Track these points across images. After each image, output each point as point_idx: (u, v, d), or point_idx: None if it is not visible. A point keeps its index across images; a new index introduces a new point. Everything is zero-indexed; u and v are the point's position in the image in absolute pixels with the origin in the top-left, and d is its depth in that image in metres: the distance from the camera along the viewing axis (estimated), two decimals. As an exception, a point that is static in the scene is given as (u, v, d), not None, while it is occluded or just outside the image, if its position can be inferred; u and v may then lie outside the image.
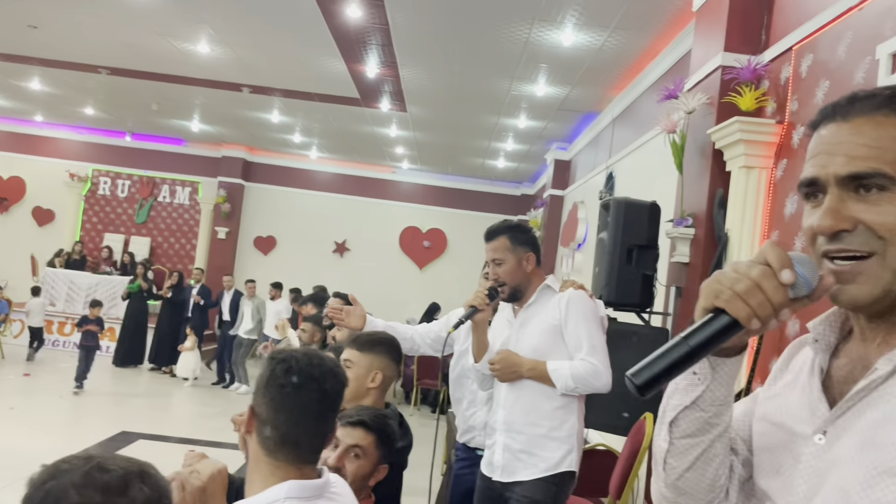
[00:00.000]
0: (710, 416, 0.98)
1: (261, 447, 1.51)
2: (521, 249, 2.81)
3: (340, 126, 11.26)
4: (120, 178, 14.66)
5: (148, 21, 7.15)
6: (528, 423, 2.73)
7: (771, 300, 0.87)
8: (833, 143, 0.92)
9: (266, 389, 1.51)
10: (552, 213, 10.56)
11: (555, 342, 2.74)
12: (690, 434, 1.00)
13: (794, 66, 3.69)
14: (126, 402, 9.16)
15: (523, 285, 2.83)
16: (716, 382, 0.97)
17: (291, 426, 1.50)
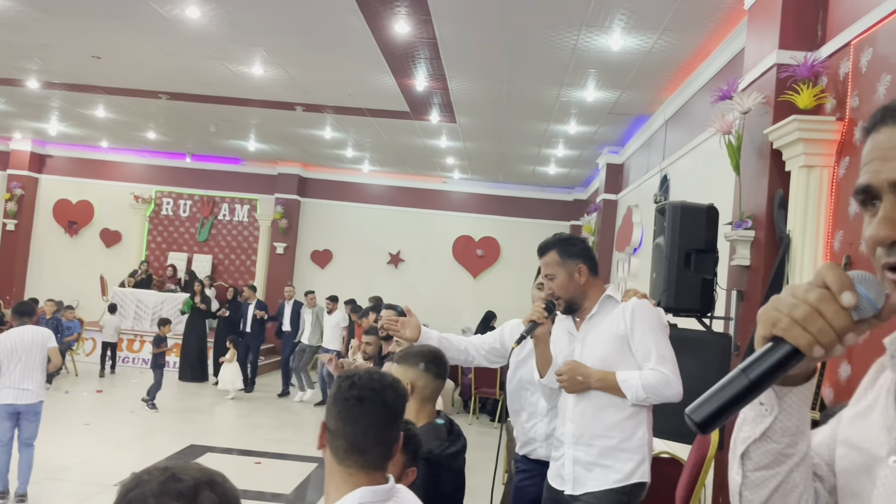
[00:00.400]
0: (783, 447, 0.94)
1: (333, 457, 1.68)
2: (571, 263, 2.80)
3: (391, 139, 11.40)
4: (182, 199, 15.14)
5: (204, 46, 7.39)
6: (598, 436, 2.71)
7: (833, 325, 0.83)
8: (886, 148, 0.88)
9: (335, 404, 1.70)
10: (606, 217, 10.46)
11: (621, 352, 2.71)
12: (764, 466, 0.95)
13: (853, 61, 3.59)
14: (193, 417, 9.42)
15: (578, 297, 2.82)
16: (784, 412, 0.92)
17: (359, 435, 1.67)
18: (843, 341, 0.83)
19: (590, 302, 2.83)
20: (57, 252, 15.15)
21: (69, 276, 14.84)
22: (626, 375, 2.67)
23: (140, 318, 12.88)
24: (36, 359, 5.50)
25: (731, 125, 4.32)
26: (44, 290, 14.42)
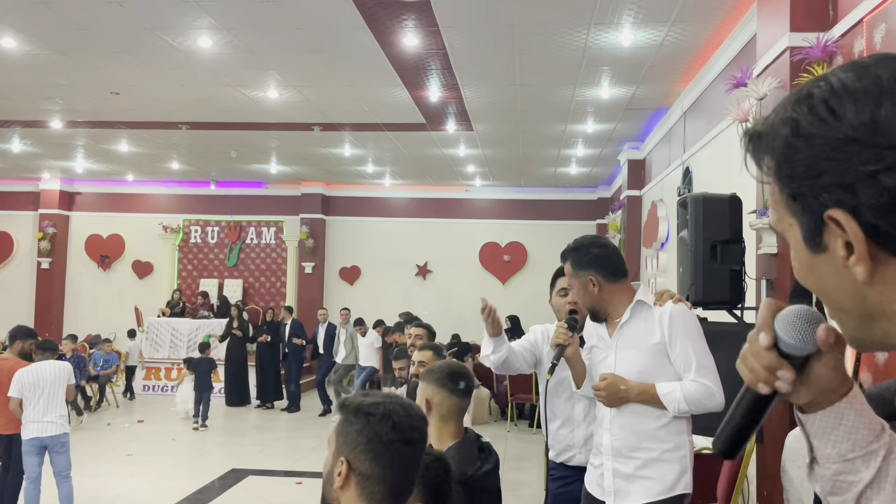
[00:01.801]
0: (835, 474, 0.91)
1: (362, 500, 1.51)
2: (582, 273, 2.70)
3: (410, 152, 11.44)
4: (209, 226, 15.35)
5: (218, 74, 7.50)
6: (639, 448, 2.63)
7: (758, 363, 0.84)
8: None
9: (370, 446, 1.51)
10: (631, 214, 10.36)
11: (659, 362, 2.61)
12: (830, 492, 0.92)
13: (866, 38, 3.52)
14: (235, 441, 9.51)
15: (599, 307, 2.72)
16: (815, 439, 0.90)
17: (400, 479, 1.52)
18: (779, 376, 0.84)
19: (617, 308, 2.71)
20: (91, 287, 15.44)
21: (104, 310, 15.12)
22: (667, 389, 2.58)
23: (176, 347, 13.06)
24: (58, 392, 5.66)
25: (747, 113, 4.26)
26: (81, 325, 14.72)
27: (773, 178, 0.78)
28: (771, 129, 0.77)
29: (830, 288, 0.78)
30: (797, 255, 0.79)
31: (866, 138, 0.70)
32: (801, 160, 0.74)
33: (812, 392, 0.87)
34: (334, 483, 1.53)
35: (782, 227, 0.80)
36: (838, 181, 0.71)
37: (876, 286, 0.74)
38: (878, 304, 0.75)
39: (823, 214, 0.73)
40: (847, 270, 0.74)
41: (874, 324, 0.77)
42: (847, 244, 0.73)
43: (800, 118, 0.73)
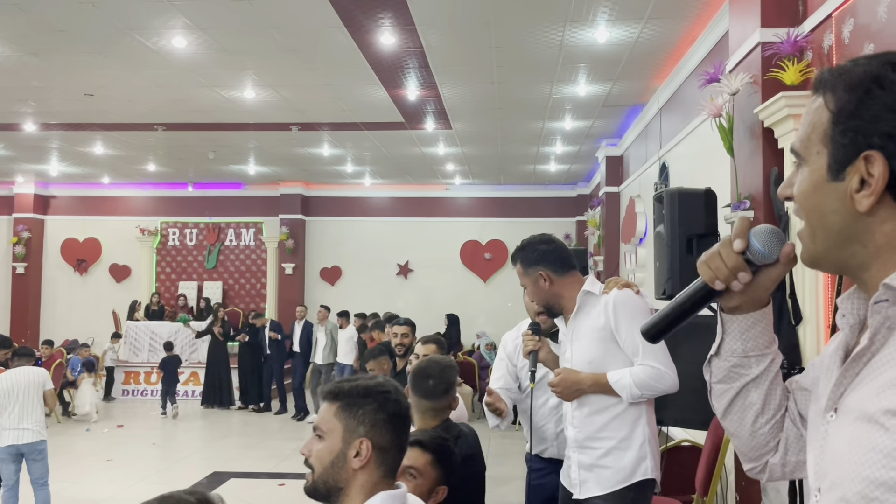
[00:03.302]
0: (732, 366, 1.13)
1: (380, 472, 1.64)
2: (532, 270, 2.76)
3: (389, 151, 11.42)
4: (187, 228, 15.23)
5: (194, 75, 7.44)
6: (599, 438, 2.68)
7: (725, 264, 1.05)
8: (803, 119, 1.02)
9: (391, 420, 1.66)
10: (610, 210, 10.43)
11: (609, 350, 2.66)
12: (720, 380, 1.15)
13: (835, 32, 3.57)
14: (216, 444, 9.45)
15: (551, 301, 2.77)
16: (729, 336, 1.12)
17: (405, 444, 1.71)
18: (738, 277, 1.05)
19: (570, 301, 2.76)
20: (68, 291, 15.26)
21: (82, 315, 14.95)
22: (617, 376, 2.62)
23: (155, 350, 12.93)
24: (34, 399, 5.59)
25: (720, 108, 4.31)
26: (58, 330, 14.54)
27: (835, 111, 0.93)
28: (855, 74, 0.92)
29: (828, 210, 0.93)
30: (811, 177, 0.95)
31: None
32: (871, 105, 0.89)
33: (745, 298, 1.09)
34: (349, 465, 1.62)
35: (808, 152, 0.96)
36: (891, 132, 0.88)
37: (867, 218, 0.91)
38: (861, 232, 0.92)
39: (863, 152, 0.89)
40: (851, 200, 0.91)
41: (848, 246, 0.93)
42: (861, 180, 0.90)
43: (883, 75, 0.89)
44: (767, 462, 1.16)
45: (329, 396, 1.71)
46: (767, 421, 1.14)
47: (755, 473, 1.19)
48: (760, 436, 1.14)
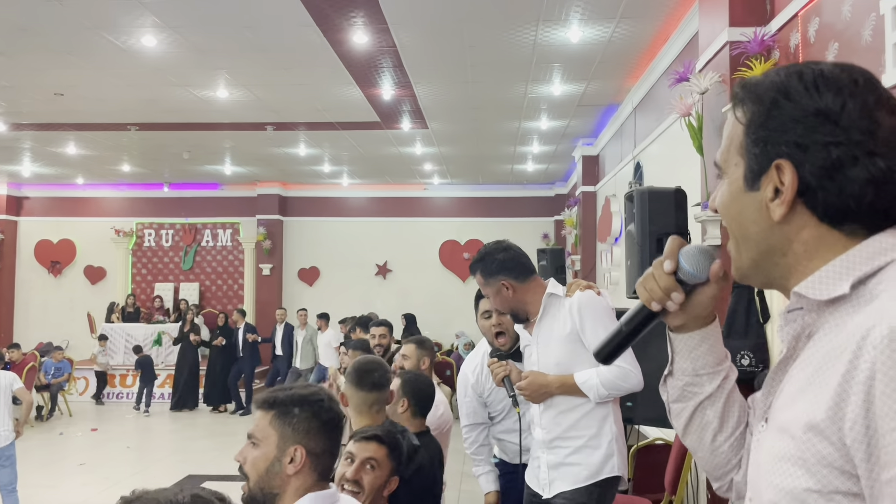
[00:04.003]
0: (685, 385, 1.14)
1: (313, 476, 1.70)
2: (493, 280, 2.75)
3: (367, 151, 11.37)
4: (163, 229, 15.07)
5: (165, 74, 7.36)
6: (568, 437, 2.70)
7: (658, 285, 1.07)
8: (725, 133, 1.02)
9: (325, 427, 1.72)
10: (586, 210, 10.46)
11: (575, 352, 2.68)
12: (675, 399, 1.16)
13: (801, 32, 3.60)
14: (190, 446, 9.35)
15: (516, 308, 2.77)
16: (677, 355, 1.14)
17: (336, 448, 1.77)
18: (671, 298, 1.07)
19: (534, 306, 2.77)
20: (42, 293, 15.04)
21: (56, 317, 14.74)
22: (584, 377, 2.64)
23: (131, 353, 12.78)
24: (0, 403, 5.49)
25: (690, 107, 4.32)
26: (32, 333, 14.34)
27: (747, 123, 0.94)
28: (763, 87, 0.94)
29: (747, 220, 0.95)
30: (730, 188, 0.97)
31: (832, 117, 0.88)
32: (779, 116, 0.91)
33: (687, 317, 1.10)
34: (284, 471, 1.69)
35: (727, 165, 0.98)
36: (799, 140, 0.89)
37: (783, 227, 0.92)
38: (780, 241, 0.93)
39: (774, 161, 0.90)
40: (767, 210, 0.92)
41: (770, 256, 0.94)
42: (776, 190, 0.91)
43: (790, 85, 0.91)
44: (732, 480, 1.15)
45: (264, 405, 1.74)
46: (726, 438, 1.13)
47: (723, 492, 1.18)
48: (721, 454, 1.14)
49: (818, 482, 0.79)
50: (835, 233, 0.90)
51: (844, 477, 0.78)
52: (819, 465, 0.79)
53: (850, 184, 0.87)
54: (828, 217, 0.89)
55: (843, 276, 0.87)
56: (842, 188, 0.88)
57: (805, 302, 0.91)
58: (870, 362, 0.76)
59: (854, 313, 0.84)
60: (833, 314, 0.88)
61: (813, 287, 0.89)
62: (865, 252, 0.87)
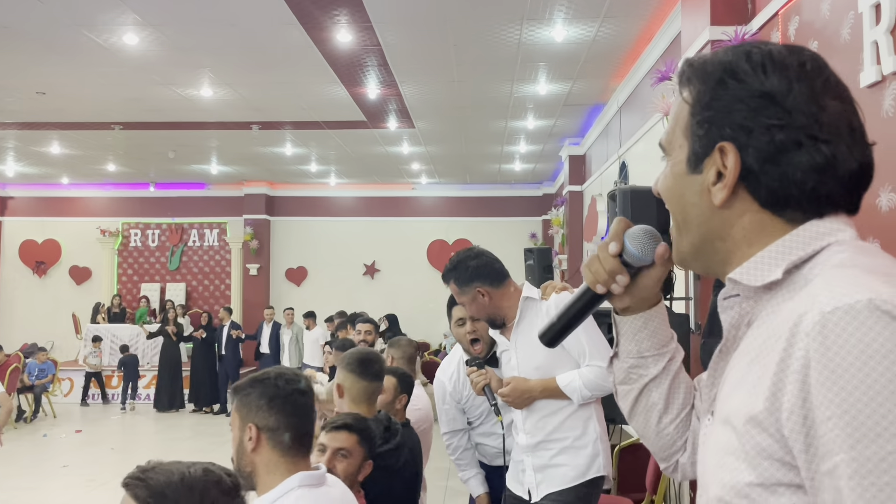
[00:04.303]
0: (630, 367, 1.13)
1: (276, 452, 1.79)
2: (468, 288, 2.72)
3: (354, 150, 11.33)
4: (149, 229, 14.97)
5: (148, 73, 7.30)
6: (553, 440, 2.69)
7: (603, 267, 1.05)
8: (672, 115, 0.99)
9: (272, 403, 1.80)
10: (573, 209, 10.46)
11: (555, 355, 2.65)
12: (621, 381, 1.15)
13: (782, 30, 3.60)
14: (174, 447, 9.29)
15: (493, 314, 2.74)
16: (622, 337, 1.13)
17: (301, 424, 1.83)
18: (616, 280, 1.05)
19: (511, 310, 2.74)
20: (26, 294, 14.91)
21: (41, 318, 14.61)
22: (566, 380, 2.63)
23: (117, 354, 12.69)
24: None
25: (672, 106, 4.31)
26: (16, 334, 14.21)
27: (692, 103, 0.91)
28: (711, 65, 0.90)
29: (688, 203, 0.92)
30: (673, 170, 0.94)
31: (778, 100, 0.85)
32: (724, 96, 0.88)
33: (632, 299, 1.09)
34: (247, 450, 1.79)
35: (671, 146, 0.95)
36: (743, 122, 0.86)
37: (724, 212, 0.89)
38: (720, 227, 0.90)
39: (717, 143, 0.87)
40: (708, 193, 0.89)
41: (710, 241, 0.92)
42: (718, 173, 0.88)
43: (738, 65, 0.88)
44: (678, 461, 1.14)
45: (231, 394, 1.89)
46: (672, 420, 1.12)
47: (669, 472, 1.17)
48: (666, 436, 1.13)
49: (760, 475, 0.77)
50: (775, 219, 0.87)
51: (786, 468, 0.76)
52: (760, 458, 0.77)
53: (792, 169, 0.85)
54: (769, 203, 0.87)
55: (778, 261, 0.85)
56: (784, 173, 0.85)
57: (741, 288, 0.89)
58: (803, 350, 0.74)
59: (789, 299, 0.82)
60: (770, 301, 0.86)
61: (747, 273, 0.87)
62: (801, 237, 0.85)
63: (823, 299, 0.74)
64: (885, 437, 0.68)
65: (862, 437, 0.69)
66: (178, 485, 1.32)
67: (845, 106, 0.87)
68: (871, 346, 0.70)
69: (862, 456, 0.69)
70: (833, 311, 0.73)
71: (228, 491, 1.40)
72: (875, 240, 2.69)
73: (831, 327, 0.72)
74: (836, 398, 0.71)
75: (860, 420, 0.69)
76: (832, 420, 0.71)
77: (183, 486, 1.32)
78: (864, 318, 0.71)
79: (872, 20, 2.74)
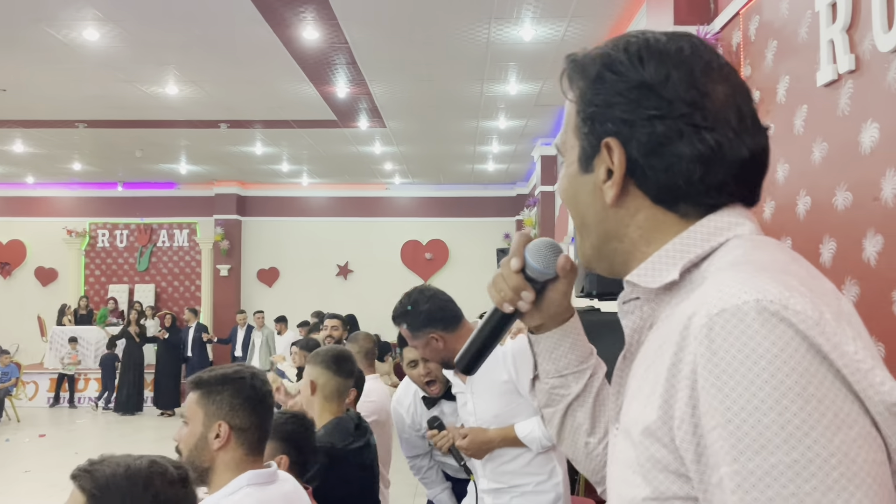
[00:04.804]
0: (551, 388, 1.08)
1: (241, 451, 1.80)
2: (421, 333, 2.60)
3: (325, 149, 11.24)
4: (118, 229, 14.73)
5: (112, 70, 7.16)
6: (513, 486, 2.63)
7: (507, 284, 1.00)
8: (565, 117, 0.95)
9: (248, 403, 1.81)
10: (545, 210, 10.48)
11: (514, 401, 2.57)
12: (544, 405, 1.10)
13: (743, 30, 3.61)
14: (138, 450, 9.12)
15: (447, 358, 2.63)
16: (540, 357, 1.08)
17: (267, 425, 1.87)
18: (522, 297, 1.00)
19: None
20: (-10, 296, 14.59)
21: (5, 320, 14.28)
22: (525, 430, 2.55)
23: (83, 356, 12.47)
24: None
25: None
26: (-21, 336, 13.88)
27: (577, 100, 0.88)
28: (590, 59, 0.87)
29: (583, 204, 0.89)
30: (567, 172, 0.91)
31: (657, 88, 0.82)
32: (603, 90, 0.84)
33: (543, 316, 1.05)
34: (210, 446, 1.78)
35: (565, 147, 0.91)
36: (624, 115, 0.83)
37: (619, 211, 0.86)
38: (615, 227, 0.87)
39: (603, 140, 0.84)
40: (600, 192, 0.86)
41: (609, 242, 0.88)
42: (608, 171, 0.84)
43: (615, 57, 0.84)
44: None
45: (192, 386, 1.86)
46: (600, 440, 1.06)
47: (607, 496, 1.12)
48: (596, 456, 1.06)
49: (655, 489, 0.73)
50: (669, 215, 0.83)
51: (681, 481, 0.72)
52: (655, 471, 0.73)
53: (677, 161, 0.80)
54: (660, 198, 0.83)
55: (675, 260, 0.81)
56: (670, 165, 0.81)
57: (640, 291, 0.84)
58: (692, 354, 0.69)
59: (685, 300, 0.77)
60: (669, 303, 0.81)
61: (644, 274, 0.83)
62: (698, 234, 0.81)
63: (711, 300, 0.70)
64: (768, 450, 0.64)
65: (745, 448, 0.65)
66: (122, 476, 1.36)
67: (733, 90, 0.83)
68: (755, 351, 0.66)
69: (745, 469, 0.65)
70: (720, 314, 0.68)
71: (173, 482, 1.43)
72: (831, 239, 2.69)
73: (717, 330, 0.68)
74: (720, 406, 0.66)
75: (743, 430, 0.65)
76: (717, 430, 0.67)
77: (127, 478, 1.37)
78: (751, 320, 0.67)
79: (829, 19, 2.74)
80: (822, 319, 0.67)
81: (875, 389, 0.67)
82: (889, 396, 0.67)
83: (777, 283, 0.69)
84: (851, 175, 2.56)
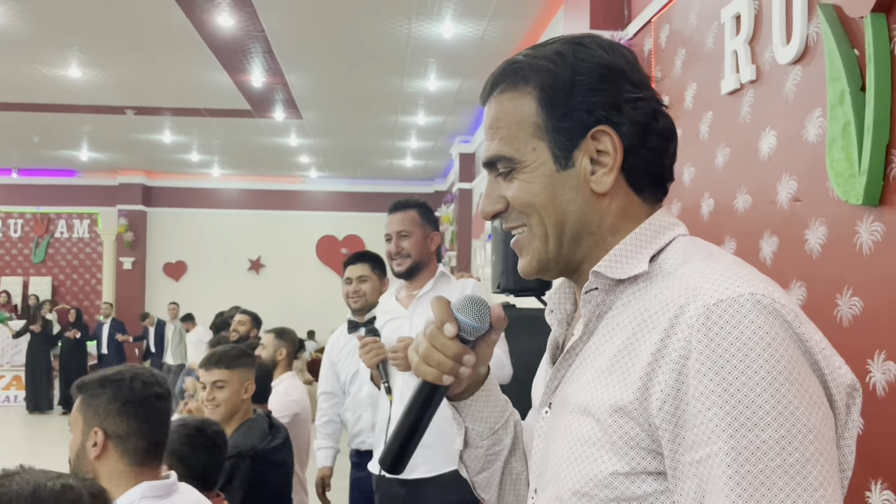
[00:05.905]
0: (487, 449, 1.02)
1: (123, 461, 1.65)
2: (428, 227, 2.76)
3: (238, 140, 10.95)
4: (11, 218, 13.88)
5: (10, 49, 6.75)
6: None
7: (446, 354, 0.91)
8: (488, 126, 0.91)
9: (126, 407, 1.65)
10: (462, 207, 10.56)
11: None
12: (480, 470, 1.03)
13: (654, 37, 3.74)
14: (44, 452, 8.66)
15: (424, 263, 2.72)
16: (470, 421, 1.01)
17: (156, 431, 1.69)
18: (463, 363, 0.92)
19: (426, 276, 2.73)
20: None
21: None
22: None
23: (-29, 353, 11.71)
24: None
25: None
26: None
27: (542, 99, 0.86)
28: (550, 59, 0.87)
29: (564, 202, 0.86)
30: (536, 174, 0.87)
31: (627, 72, 0.86)
32: (583, 82, 0.85)
33: (473, 375, 0.97)
34: (89, 456, 1.65)
35: (519, 153, 0.87)
36: (610, 101, 0.85)
37: (603, 200, 0.86)
38: (596, 217, 0.87)
39: (591, 130, 0.84)
40: (586, 185, 0.86)
41: (581, 237, 0.88)
42: (591, 160, 0.85)
43: (584, 52, 0.86)
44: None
45: (75, 390, 1.74)
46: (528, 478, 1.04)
47: None
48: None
49: (627, 464, 0.77)
50: (636, 199, 0.88)
51: (651, 456, 0.77)
52: (627, 447, 0.77)
53: (657, 140, 0.87)
54: (636, 182, 0.87)
55: (641, 252, 0.85)
56: (653, 146, 0.86)
57: (601, 282, 0.86)
58: (684, 341, 0.74)
59: (648, 289, 0.82)
60: (624, 291, 0.85)
61: (611, 266, 0.85)
62: (653, 227, 0.87)
63: (706, 292, 0.76)
64: (760, 427, 0.71)
65: (740, 426, 0.71)
66: (28, 497, 1.24)
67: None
68: (752, 339, 0.72)
69: (740, 444, 0.71)
70: (717, 304, 0.74)
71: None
72: (732, 239, 2.84)
73: (715, 319, 0.73)
74: (717, 388, 0.72)
75: (739, 409, 0.71)
76: (711, 410, 0.72)
77: (34, 500, 1.24)
78: (747, 311, 0.73)
79: (733, 30, 2.88)
80: (798, 312, 0.76)
81: (838, 373, 0.77)
82: (846, 378, 0.78)
83: (757, 279, 0.77)
84: (751, 179, 2.70)
